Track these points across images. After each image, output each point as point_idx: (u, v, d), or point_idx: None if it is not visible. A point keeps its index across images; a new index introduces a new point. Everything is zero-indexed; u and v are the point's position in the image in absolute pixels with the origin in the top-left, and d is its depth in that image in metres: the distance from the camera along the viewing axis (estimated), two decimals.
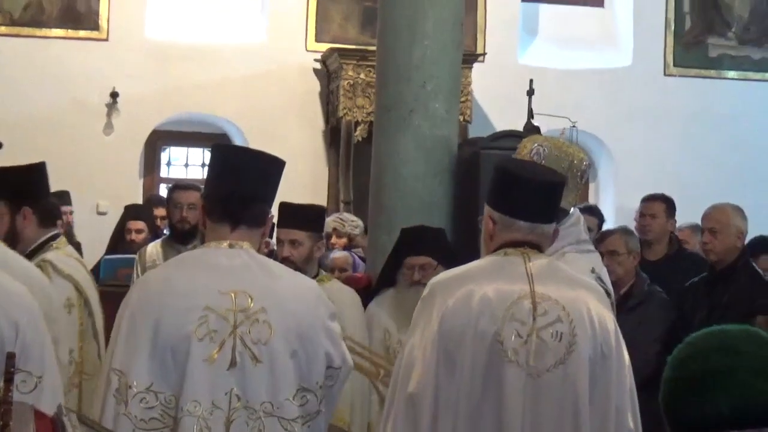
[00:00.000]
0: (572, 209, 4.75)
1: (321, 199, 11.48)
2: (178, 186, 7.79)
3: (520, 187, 3.86)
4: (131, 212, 9.35)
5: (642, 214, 7.84)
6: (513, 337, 3.69)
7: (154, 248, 7.36)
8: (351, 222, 9.54)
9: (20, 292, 3.63)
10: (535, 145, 4.71)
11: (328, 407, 3.65)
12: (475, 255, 4.07)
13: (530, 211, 3.84)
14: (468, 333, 3.69)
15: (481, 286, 3.75)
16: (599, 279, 4.58)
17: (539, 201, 3.86)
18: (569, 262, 4.43)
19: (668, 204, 7.85)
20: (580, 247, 4.67)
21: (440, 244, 6.12)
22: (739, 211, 6.63)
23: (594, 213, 8.65)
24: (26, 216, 5.13)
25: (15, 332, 3.46)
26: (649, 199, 7.94)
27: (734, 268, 6.50)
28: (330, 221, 9.40)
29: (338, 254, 8.51)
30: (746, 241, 6.76)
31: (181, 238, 7.24)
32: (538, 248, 3.87)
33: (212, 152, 3.79)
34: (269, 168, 3.71)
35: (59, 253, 5.35)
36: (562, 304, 3.74)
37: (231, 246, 3.59)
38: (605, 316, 3.83)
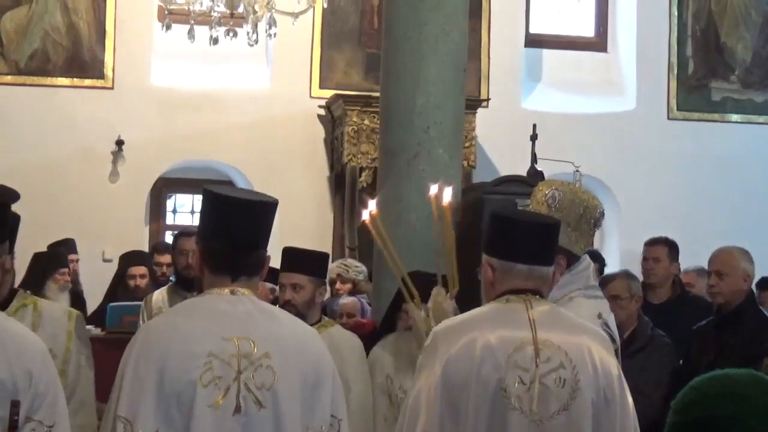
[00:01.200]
0: (583, 255, 4.76)
1: (326, 244, 11.48)
2: (183, 233, 7.82)
3: (515, 231, 3.90)
4: (131, 259, 9.40)
5: (645, 258, 7.85)
6: (516, 383, 3.70)
7: (159, 295, 7.38)
8: (355, 268, 9.55)
9: (33, 339, 3.63)
10: (552, 188, 4.73)
11: None
12: (478, 300, 4.08)
13: (528, 253, 3.87)
14: (471, 381, 3.70)
15: (483, 334, 3.76)
16: (605, 325, 4.58)
17: (536, 243, 3.90)
18: (576, 306, 4.44)
19: (671, 247, 7.85)
20: (588, 293, 4.68)
21: None
22: (745, 254, 6.62)
23: (595, 258, 8.65)
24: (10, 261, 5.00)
25: (29, 381, 3.46)
26: (652, 243, 7.95)
27: (741, 311, 6.48)
28: (334, 267, 9.42)
29: (347, 300, 8.53)
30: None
31: (187, 284, 7.25)
32: (540, 294, 3.89)
33: (204, 197, 3.74)
34: (263, 214, 3.70)
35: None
36: (564, 350, 3.75)
37: (233, 293, 3.61)
38: (608, 361, 3.83)
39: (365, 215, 4.76)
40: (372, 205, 4.73)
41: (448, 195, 4.66)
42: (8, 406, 3.41)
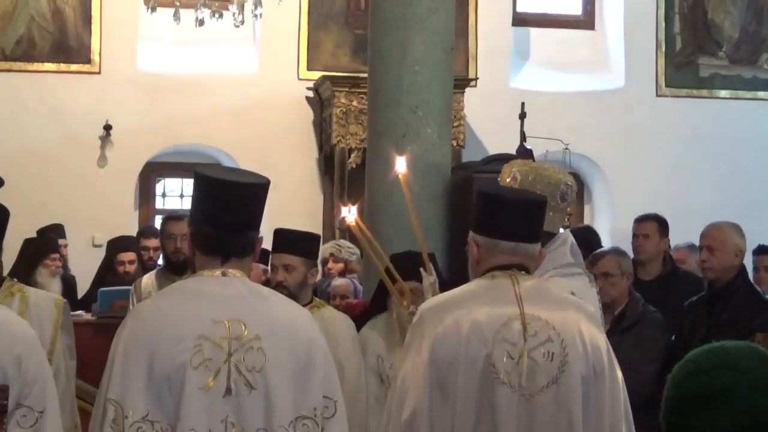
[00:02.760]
0: (560, 231, 4.76)
1: (316, 226, 11.47)
2: (170, 217, 7.80)
3: (499, 209, 3.90)
4: (118, 245, 9.39)
5: (635, 235, 7.84)
6: (504, 358, 3.70)
7: (149, 279, 7.36)
8: (348, 248, 9.62)
9: (22, 325, 3.62)
10: (513, 170, 4.75)
11: None
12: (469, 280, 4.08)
13: (512, 231, 3.87)
14: (459, 359, 3.71)
15: (470, 311, 3.76)
16: None
17: (520, 220, 3.90)
18: (553, 287, 4.44)
19: (661, 223, 7.84)
20: (564, 271, 4.68)
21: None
22: (737, 229, 6.62)
23: (591, 235, 8.66)
24: None
25: (18, 368, 3.45)
26: (642, 220, 7.94)
27: (733, 286, 6.48)
28: (327, 247, 9.52)
29: (339, 281, 8.57)
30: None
31: (176, 268, 7.23)
32: (526, 270, 3.88)
33: (195, 180, 3.72)
34: (254, 195, 3.67)
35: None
36: (552, 324, 3.76)
37: (224, 274, 3.60)
38: (596, 335, 3.84)
39: (349, 218, 4.82)
40: (354, 210, 4.79)
41: (402, 165, 4.69)
42: None
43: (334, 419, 3.57)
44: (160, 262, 9.16)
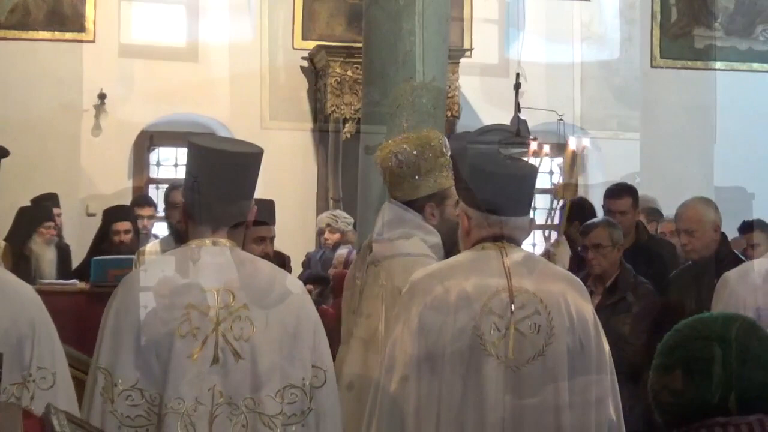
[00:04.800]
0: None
1: (310, 196, 11.49)
2: (174, 186, 7.78)
3: (491, 184, 3.91)
4: (114, 214, 9.37)
5: (611, 211, 7.53)
6: (491, 330, 3.72)
7: (153, 248, 7.35)
8: (344, 219, 9.70)
9: (29, 288, 3.62)
10: (390, 152, 4.73)
11: (326, 421, 3.60)
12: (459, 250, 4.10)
13: (501, 205, 3.88)
14: (447, 329, 3.73)
15: (458, 282, 3.79)
16: None
17: (511, 196, 3.91)
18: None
19: (634, 197, 7.57)
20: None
21: None
22: (709, 204, 6.54)
23: (585, 206, 8.62)
24: None
25: (33, 330, 3.46)
26: (616, 196, 7.57)
27: (717, 258, 6.45)
28: (324, 217, 9.62)
29: (342, 250, 8.77)
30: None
31: (181, 237, 7.21)
32: (515, 242, 3.90)
33: (188, 149, 3.73)
34: (246, 165, 3.68)
35: None
36: (539, 296, 3.78)
37: (214, 244, 3.61)
38: (583, 306, 3.85)
39: None
40: None
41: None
42: (16, 356, 3.40)
43: (324, 389, 3.59)
44: (155, 231, 9.18)
